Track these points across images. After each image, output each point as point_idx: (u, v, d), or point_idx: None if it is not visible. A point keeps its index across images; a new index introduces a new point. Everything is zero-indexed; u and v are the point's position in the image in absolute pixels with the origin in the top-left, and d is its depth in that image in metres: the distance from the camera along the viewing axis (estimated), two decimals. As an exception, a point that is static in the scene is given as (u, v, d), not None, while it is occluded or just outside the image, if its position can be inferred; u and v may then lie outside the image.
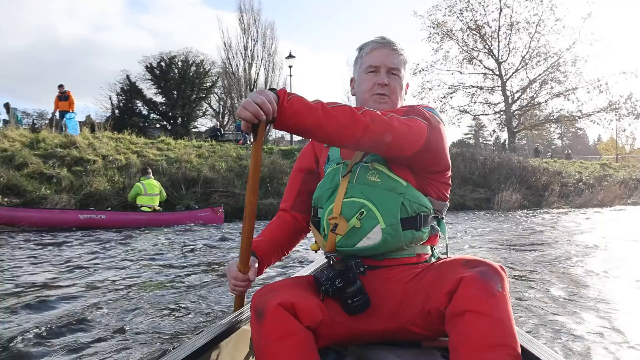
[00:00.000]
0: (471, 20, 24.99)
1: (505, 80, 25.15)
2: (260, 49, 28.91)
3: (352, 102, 1.69)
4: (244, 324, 1.41)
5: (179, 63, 29.31)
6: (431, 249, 1.39)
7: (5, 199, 9.41)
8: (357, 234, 1.25)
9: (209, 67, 30.20)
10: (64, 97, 14.40)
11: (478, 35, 25.06)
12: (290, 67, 22.61)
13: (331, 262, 1.29)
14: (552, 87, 24.72)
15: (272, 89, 1.16)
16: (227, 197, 12.31)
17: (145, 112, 29.37)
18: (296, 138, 29.34)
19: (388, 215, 1.24)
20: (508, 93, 25.37)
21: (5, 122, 14.72)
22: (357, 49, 1.50)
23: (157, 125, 29.53)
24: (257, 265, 1.37)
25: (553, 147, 54.38)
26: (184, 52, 29.64)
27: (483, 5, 24.48)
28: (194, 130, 29.92)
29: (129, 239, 6.99)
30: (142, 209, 9.73)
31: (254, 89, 28.17)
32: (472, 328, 1.00)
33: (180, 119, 29.20)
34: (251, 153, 1.28)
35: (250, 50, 28.85)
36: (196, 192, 12.29)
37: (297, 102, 1.14)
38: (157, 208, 9.99)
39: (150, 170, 10.40)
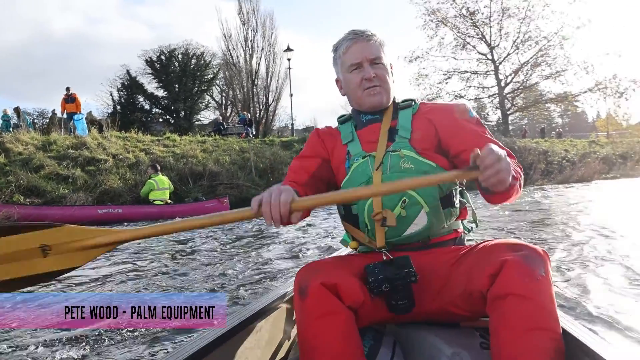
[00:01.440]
0: (464, 6, 25.45)
1: (497, 64, 25.69)
2: (260, 39, 29.03)
3: (344, 101, 1.86)
4: (285, 301, 1.47)
5: (179, 56, 29.47)
6: (462, 223, 1.41)
7: (27, 200, 10.18)
8: (403, 222, 1.26)
9: (210, 59, 30.34)
10: (70, 99, 14.91)
11: (471, 21, 25.52)
12: (289, 59, 23.12)
13: (384, 258, 1.25)
14: (543, 70, 25.26)
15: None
16: (231, 189, 13.06)
17: (147, 107, 29.66)
18: (297, 127, 29.96)
19: (429, 198, 1.25)
20: (501, 77, 25.93)
21: (17, 126, 15.36)
22: (331, 50, 1.49)
23: (160, 120, 29.84)
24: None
25: (554, 125, 54.70)
26: (183, 45, 29.80)
27: (475, -8, 24.92)
28: (197, 123, 30.20)
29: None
30: (155, 202, 10.50)
31: (256, 80, 28.77)
32: (514, 311, 1.01)
33: (183, 113, 29.47)
34: None
35: (251, 41, 29.00)
36: (203, 185, 13.04)
37: (514, 191, 1.17)
38: (169, 201, 10.77)
39: (159, 167, 11.16)
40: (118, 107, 27.96)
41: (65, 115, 15.32)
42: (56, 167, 11.55)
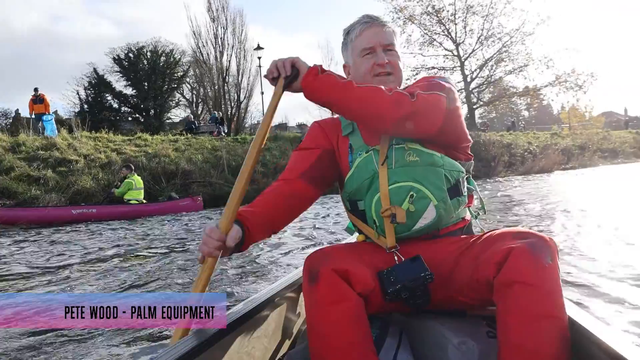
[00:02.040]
0: (429, 4, 26.27)
1: (463, 60, 26.65)
2: (230, 36, 28.75)
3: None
4: (292, 289, 1.48)
5: (148, 54, 29.29)
6: (469, 210, 1.42)
7: (0, 202, 10.31)
8: (412, 217, 1.24)
9: (179, 57, 30.22)
10: (38, 100, 14.86)
11: (437, 18, 26.36)
12: (259, 58, 23.38)
13: (396, 258, 1.25)
14: (506, 65, 26.35)
15: (315, 66, 1.28)
16: (204, 187, 13.41)
17: (116, 105, 29.35)
18: (273, 123, 30.13)
19: (437, 191, 1.24)
20: (467, 72, 26.89)
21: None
22: (343, 33, 1.46)
23: (130, 119, 29.62)
24: (239, 239, 1.20)
25: (521, 117, 56.48)
26: (152, 42, 29.62)
27: (440, -10, 25.79)
28: (167, 121, 30.10)
29: (121, 229, 8.08)
30: (131, 202, 10.77)
31: (226, 77, 28.72)
32: (521, 299, 1.01)
33: (152, 111, 29.29)
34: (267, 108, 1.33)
35: (221, 38, 28.73)
36: (176, 184, 13.33)
37: (324, 78, 1.23)
38: (144, 200, 11.06)
39: (132, 167, 11.42)
40: (85, 106, 27.60)
41: (33, 116, 15.28)
42: (26, 168, 11.66)
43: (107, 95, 28.78)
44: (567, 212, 6.63)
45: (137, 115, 29.70)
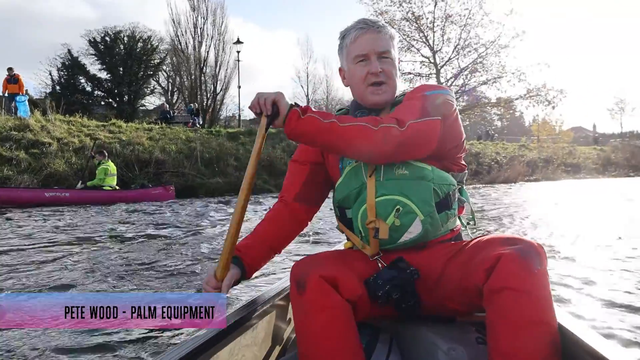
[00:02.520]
0: (409, 10, 27.06)
1: (439, 68, 27.53)
2: (210, 27, 28.72)
3: (347, 92, 1.81)
4: (282, 297, 1.48)
5: (125, 39, 29.04)
6: (459, 219, 1.42)
7: (-30, 180, 10.48)
8: (397, 231, 1.25)
9: (157, 44, 29.99)
10: (13, 80, 14.84)
11: (416, 25, 27.19)
12: (238, 52, 23.71)
13: (380, 265, 1.27)
14: (481, 75, 27.41)
15: (295, 105, 1.25)
16: (177, 177, 13.80)
17: (89, 89, 29.01)
18: (245, 118, 30.43)
19: (424, 205, 1.24)
20: (442, 80, 27.76)
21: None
22: (339, 37, 1.45)
23: (102, 103, 29.35)
24: (238, 276, 1.34)
25: (493, 127, 58.25)
26: (130, 27, 29.38)
27: (420, -2, 26.62)
28: (141, 108, 29.97)
29: (96, 214, 8.43)
30: (104, 188, 11.09)
31: (204, 68, 28.77)
32: (510, 305, 1.02)
33: (126, 97, 29.14)
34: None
35: (200, 29, 28.66)
36: (149, 173, 13.68)
37: (307, 122, 1.21)
38: (117, 187, 11.39)
39: (106, 153, 11.71)
40: (57, 88, 27.33)
41: (6, 95, 15.27)
42: (-1, 148, 11.80)
43: (80, 78, 28.49)
44: (538, 219, 7.10)
45: (110, 100, 29.47)
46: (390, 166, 1.29)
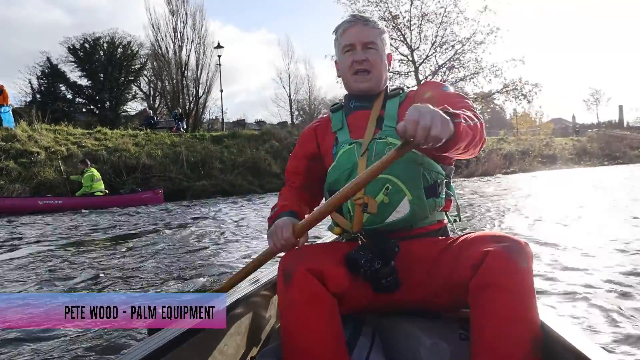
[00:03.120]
0: (387, 10, 27.94)
1: (417, 65, 28.44)
2: (190, 31, 28.64)
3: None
4: (266, 288, 1.52)
5: (105, 45, 29.30)
6: (446, 214, 1.46)
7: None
8: (386, 209, 1.29)
9: (137, 49, 30.30)
10: (-3, 91, 15.42)
11: (393, 24, 28.05)
12: (219, 56, 24.29)
13: (360, 242, 1.31)
14: (459, 71, 28.41)
15: (449, 114, 1.08)
16: (164, 181, 14.39)
17: (70, 96, 29.25)
18: (227, 120, 30.87)
19: (413, 187, 1.29)
20: (421, 77, 28.67)
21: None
22: (333, 32, 1.55)
23: (84, 110, 29.67)
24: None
25: (475, 121, 59.37)
26: (109, 33, 29.64)
27: (396, -3, 27.55)
28: (123, 114, 30.18)
29: (88, 219, 9.01)
30: (96, 194, 11.69)
31: (185, 72, 28.96)
32: (495, 302, 1.05)
33: (108, 103, 29.43)
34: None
35: (180, 33, 28.56)
36: (136, 178, 14.25)
37: (464, 133, 1.12)
38: (106, 191, 12.02)
39: (89, 162, 12.29)
40: (38, 96, 27.61)
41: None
42: (-12, 159, 12.28)
43: (60, 85, 28.78)
44: (518, 212, 7.22)
45: (91, 107, 29.72)
46: (382, 147, 1.35)
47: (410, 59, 28.38)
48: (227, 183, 15.16)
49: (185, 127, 22.81)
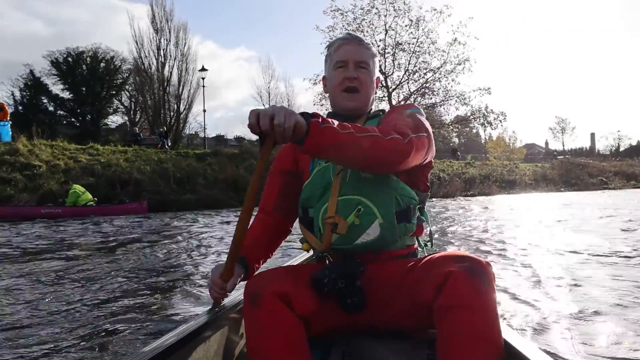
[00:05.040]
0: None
1: (391, 91, 31.14)
2: (173, 48, 30.05)
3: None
4: (235, 311, 1.55)
5: (88, 59, 30.91)
6: (417, 239, 1.52)
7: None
8: (356, 230, 1.31)
9: (120, 64, 31.91)
10: (-2, 108, 17.27)
11: (368, 51, 30.82)
12: (203, 78, 26.57)
13: (327, 262, 1.37)
14: (430, 98, 31.24)
15: (306, 114, 1.16)
16: (154, 194, 16.45)
17: (51, 108, 30.87)
18: (207, 135, 32.69)
19: (384, 210, 1.32)
20: (394, 102, 31.33)
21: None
22: (326, 47, 1.61)
23: (64, 122, 31.19)
24: (242, 274, 1.44)
25: (451, 144, 62.86)
26: (92, 48, 31.25)
27: (372, 27, 30.31)
28: (104, 127, 31.87)
29: (82, 224, 11.03)
30: (88, 204, 13.77)
31: (167, 88, 30.54)
32: (458, 322, 1.08)
33: (89, 116, 31.01)
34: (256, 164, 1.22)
35: (163, 50, 29.88)
36: (129, 191, 16.31)
37: (327, 136, 1.16)
38: (95, 199, 14.10)
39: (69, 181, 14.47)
40: (20, 108, 29.14)
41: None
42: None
43: (43, 98, 30.33)
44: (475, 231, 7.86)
45: (72, 119, 31.28)
46: None
47: (384, 84, 31.07)
48: (209, 197, 17.23)
49: (169, 144, 24.77)
